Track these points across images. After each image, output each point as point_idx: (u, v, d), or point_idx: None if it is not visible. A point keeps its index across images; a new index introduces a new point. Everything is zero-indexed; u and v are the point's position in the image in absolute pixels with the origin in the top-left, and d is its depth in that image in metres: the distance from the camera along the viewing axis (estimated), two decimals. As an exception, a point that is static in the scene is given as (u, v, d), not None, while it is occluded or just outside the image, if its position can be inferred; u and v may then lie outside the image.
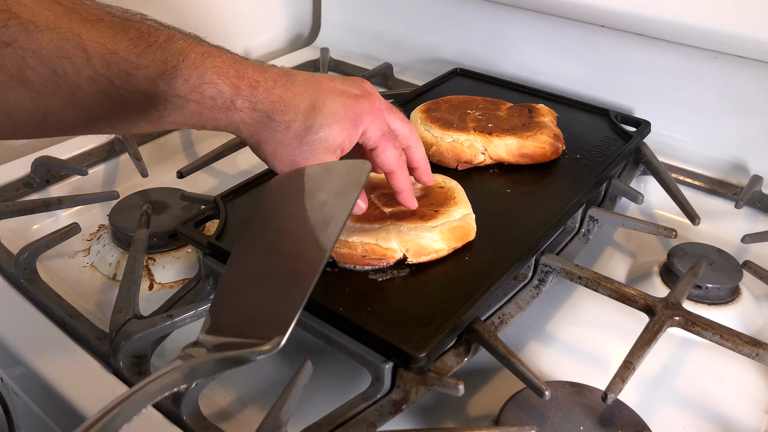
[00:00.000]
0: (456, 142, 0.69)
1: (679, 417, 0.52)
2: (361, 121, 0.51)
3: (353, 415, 0.46)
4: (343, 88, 0.52)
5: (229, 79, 0.47)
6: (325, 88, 0.51)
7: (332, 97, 0.51)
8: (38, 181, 0.75)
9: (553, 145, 0.69)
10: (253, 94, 0.48)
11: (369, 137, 0.52)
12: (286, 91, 0.49)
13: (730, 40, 0.73)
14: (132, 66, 0.42)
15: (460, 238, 0.56)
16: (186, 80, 0.45)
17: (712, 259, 0.63)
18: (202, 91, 0.46)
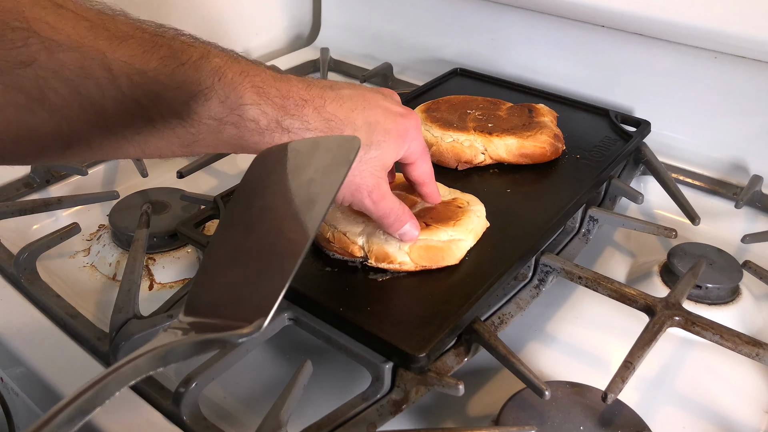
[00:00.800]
0: (456, 141, 0.69)
1: (679, 417, 0.52)
2: (409, 138, 0.51)
3: (353, 415, 0.46)
4: (387, 105, 0.51)
5: (271, 99, 0.44)
6: (373, 104, 0.50)
7: (383, 114, 0.50)
8: (38, 181, 0.75)
9: (553, 145, 0.69)
10: (303, 113, 0.46)
11: (412, 153, 0.53)
12: (339, 107, 0.48)
13: (730, 40, 0.73)
14: (162, 87, 0.40)
15: (434, 259, 0.54)
16: (223, 102, 0.42)
17: (712, 259, 0.63)
18: (242, 113, 0.43)
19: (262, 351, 0.56)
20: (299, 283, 0.52)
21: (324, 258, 0.55)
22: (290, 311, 0.52)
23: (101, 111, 0.39)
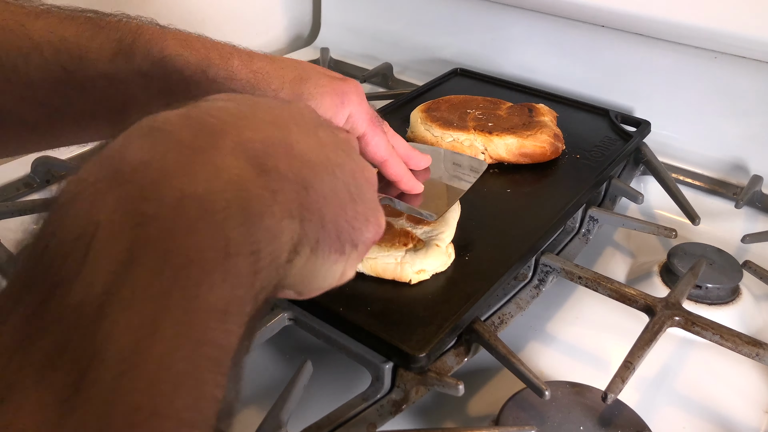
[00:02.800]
0: (456, 141, 0.69)
1: (679, 417, 0.52)
2: (349, 101, 0.47)
3: (353, 415, 0.46)
4: (324, 70, 0.49)
5: (195, 49, 0.43)
6: (307, 66, 0.48)
7: (318, 73, 0.48)
8: (38, 181, 0.75)
9: (553, 144, 0.69)
10: (228, 63, 0.44)
11: (356, 121, 0.47)
12: (268, 63, 0.46)
13: (730, 40, 0.73)
14: (84, 49, 0.39)
15: (383, 274, 0.53)
16: (145, 56, 0.41)
17: (712, 259, 0.63)
18: (165, 64, 0.41)
19: (262, 351, 0.56)
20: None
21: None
22: (290, 311, 0.52)
23: (28, 81, 0.38)
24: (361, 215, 0.34)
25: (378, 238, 0.36)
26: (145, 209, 0.23)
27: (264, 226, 0.26)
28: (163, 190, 0.24)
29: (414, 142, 0.61)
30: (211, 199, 0.24)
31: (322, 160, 0.31)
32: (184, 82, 0.42)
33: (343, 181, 0.32)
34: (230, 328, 0.23)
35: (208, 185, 0.24)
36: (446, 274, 0.54)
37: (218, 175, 0.25)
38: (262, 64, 0.46)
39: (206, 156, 0.26)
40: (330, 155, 0.32)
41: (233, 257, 0.24)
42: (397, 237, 0.54)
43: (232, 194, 0.25)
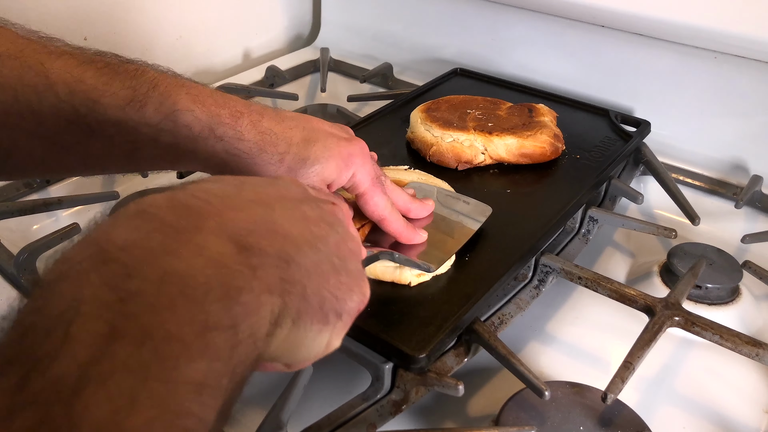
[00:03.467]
0: (456, 141, 0.69)
1: (679, 417, 0.52)
2: (352, 163, 0.48)
3: (353, 415, 0.46)
4: (332, 130, 0.50)
5: (206, 106, 0.44)
6: (315, 126, 0.49)
7: (324, 134, 0.48)
8: (38, 181, 0.75)
9: (553, 144, 0.69)
10: (237, 123, 0.45)
11: (358, 181, 0.49)
12: (277, 124, 0.47)
13: (730, 40, 0.73)
14: (98, 93, 0.40)
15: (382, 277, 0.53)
16: (157, 109, 0.42)
17: (712, 259, 0.63)
18: (176, 118, 0.43)
19: (262, 351, 0.56)
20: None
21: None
22: (290, 311, 0.52)
23: (40, 119, 0.39)
24: (344, 285, 0.34)
25: (362, 306, 0.36)
26: (128, 286, 0.24)
27: (242, 301, 0.26)
28: (146, 268, 0.24)
29: (417, 183, 0.62)
30: (192, 275, 0.25)
31: (305, 234, 0.32)
32: (192, 139, 0.44)
33: (326, 254, 0.33)
34: (207, 400, 0.24)
35: (189, 263, 0.26)
36: (447, 274, 0.54)
37: (200, 253, 0.26)
38: (270, 125, 0.46)
39: (189, 236, 0.27)
40: (313, 229, 0.33)
41: (211, 331, 0.24)
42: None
43: (213, 271, 0.26)
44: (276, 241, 0.30)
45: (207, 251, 0.26)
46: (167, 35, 0.96)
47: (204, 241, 0.27)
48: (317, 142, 0.48)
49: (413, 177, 0.63)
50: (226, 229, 0.28)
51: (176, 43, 0.98)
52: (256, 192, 0.32)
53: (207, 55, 1.04)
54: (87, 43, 0.88)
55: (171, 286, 0.24)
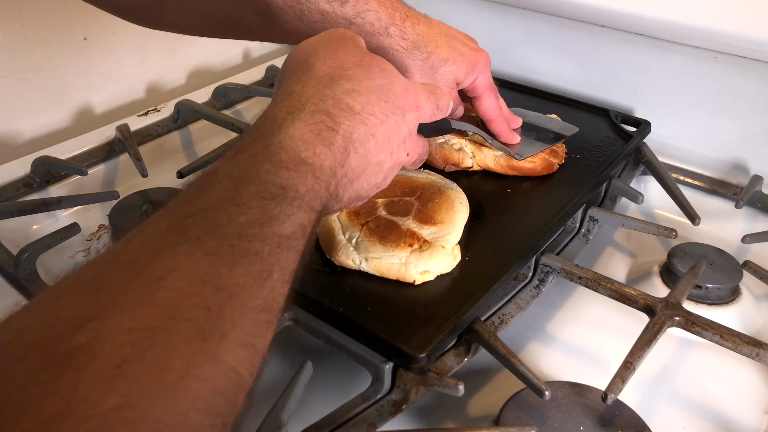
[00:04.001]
0: (446, 143, 0.69)
1: (679, 417, 0.52)
2: (477, 69, 0.61)
3: (353, 415, 0.46)
4: (464, 40, 0.62)
5: (386, 8, 0.56)
6: (454, 34, 0.61)
7: (460, 43, 0.61)
8: (38, 181, 0.75)
9: (546, 161, 0.68)
10: (404, 24, 0.57)
11: (478, 85, 0.62)
12: (428, 28, 0.59)
13: (730, 40, 0.73)
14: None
15: (388, 274, 0.53)
16: (354, 6, 0.54)
17: (712, 259, 0.63)
18: (365, 16, 0.55)
19: (262, 351, 0.56)
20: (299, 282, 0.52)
21: (324, 258, 0.55)
22: (290, 311, 0.52)
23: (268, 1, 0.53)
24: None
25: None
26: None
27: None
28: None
29: (515, 108, 0.70)
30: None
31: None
32: (370, 33, 0.56)
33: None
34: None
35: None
36: (450, 274, 0.54)
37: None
38: (424, 28, 0.58)
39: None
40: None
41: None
42: (402, 237, 0.54)
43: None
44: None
45: None
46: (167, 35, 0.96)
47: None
48: (455, 49, 0.60)
49: (423, 177, 0.63)
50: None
51: (176, 43, 0.98)
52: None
53: (207, 55, 1.04)
54: (87, 43, 0.88)
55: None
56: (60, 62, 0.85)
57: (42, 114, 0.86)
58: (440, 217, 0.57)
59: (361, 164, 0.41)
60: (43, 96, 0.85)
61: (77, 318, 0.25)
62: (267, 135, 0.37)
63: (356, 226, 0.55)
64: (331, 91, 0.41)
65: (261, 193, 0.33)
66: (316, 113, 0.39)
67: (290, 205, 0.34)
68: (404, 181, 0.61)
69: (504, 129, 0.64)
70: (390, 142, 0.44)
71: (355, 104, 0.41)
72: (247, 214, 0.32)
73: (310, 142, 0.37)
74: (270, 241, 0.32)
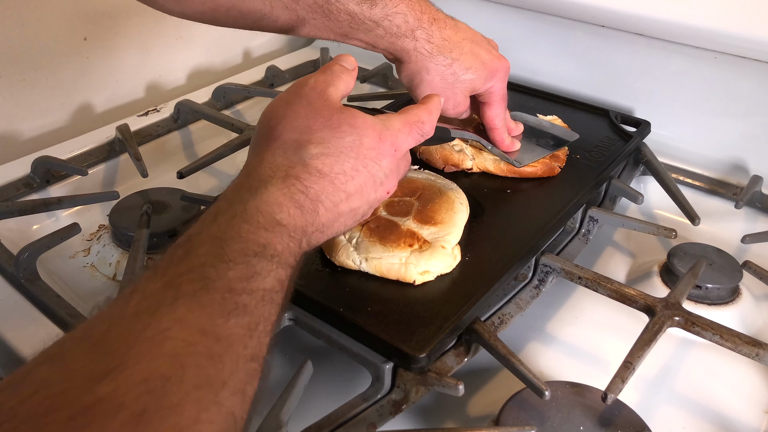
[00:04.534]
0: (447, 145, 0.69)
1: (679, 417, 0.52)
2: (495, 77, 0.61)
3: (353, 415, 0.46)
4: (489, 47, 0.62)
5: (414, 11, 0.56)
6: (479, 40, 0.61)
7: (484, 51, 0.61)
8: (38, 181, 0.75)
9: (546, 164, 0.67)
10: (431, 28, 0.57)
11: (492, 93, 0.62)
12: (455, 33, 0.59)
13: (730, 40, 0.73)
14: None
15: (388, 275, 0.53)
16: (383, 8, 0.55)
17: (712, 259, 0.63)
18: (392, 18, 0.55)
19: (262, 351, 0.56)
20: (299, 283, 0.52)
21: (324, 258, 0.55)
22: (290, 311, 0.52)
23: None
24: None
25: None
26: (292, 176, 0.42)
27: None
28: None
29: (517, 113, 0.71)
30: None
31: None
32: (396, 35, 0.56)
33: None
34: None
35: None
36: (450, 274, 0.54)
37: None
38: (450, 33, 0.59)
39: None
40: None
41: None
42: (402, 237, 0.54)
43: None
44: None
45: None
46: (167, 35, 0.96)
47: None
48: (478, 56, 0.60)
49: (423, 177, 0.63)
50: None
51: (176, 43, 0.98)
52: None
53: (207, 55, 1.04)
54: (87, 43, 0.88)
55: None
56: (60, 62, 0.85)
57: (42, 114, 0.86)
58: (440, 217, 0.57)
59: (330, 218, 0.43)
60: (43, 96, 0.85)
61: (97, 371, 0.27)
62: (244, 201, 0.39)
63: (356, 227, 0.55)
64: (299, 157, 0.43)
65: (244, 250, 0.36)
66: (287, 179, 0.41)
67: (270, 261, 0.37)
68: (404, 181, 0.61)
69: (504, 138, 0.65)
70: (363, 192, 0.45)
71: (323, 167, 0.43)
72: (234, 269, 0.35)
73: (284, 205, 0.40)
74: (255, 295, 0.35)
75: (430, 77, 0.59)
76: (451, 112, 0.62)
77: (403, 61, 0.59)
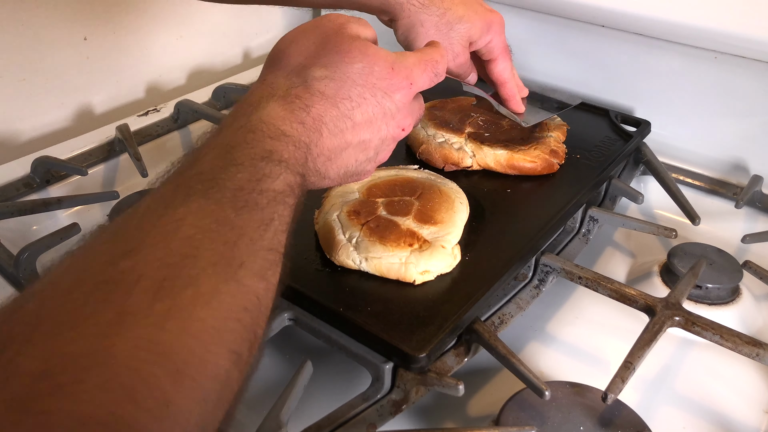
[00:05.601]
0: (446, 142, 0.69)
1: (679, 417, 0.52)
2: (492, 29, 0.61)
3: (353, 415, 0.46)
4: (482, 1, 0.63)
5: None
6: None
7: (479, 3, 0.61)
8: (38, 181, 0.75)
9: (546, 160, 0.68)
10: None
11: (493, 47, 0.62)
12: None
13: (730, 40, 0.73)
14: None
15: (388, 274, 0.53)
16: None
17: (712, 259, 0.63)
18: None
19: (262, 351, 0.56)
20: (299, 283, 0.52)
21: (324, 258, 0.55)
22: (290, 311, 0.52)
23: None
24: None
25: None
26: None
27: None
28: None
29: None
30: None
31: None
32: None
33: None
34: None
35: None
36: (450, 274, 0.54)
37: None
38: None
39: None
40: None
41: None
42: (402, 237, 0.54)
43: None
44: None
45: None
46: (167, 35, 0.96)
47: None
48: (470, 6, 0.60)
49: (423, 176, 0.63)
50: None
51: (176, 43, 0.98)
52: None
53: (207, 55, 1.04)
54: (87, 43, 0.88)
55: None
56: (60, 62, 0.85)
57: (42, 114, 0.86)
58: (440, 216, 0.57)
59: (336, 144, 0.43)
60: (43, 96, 0.85)
61: (116, 251, 0.29)
62: (247, 114, 0.40)
63: (356, 226, 0.55)
64: (301, 78, 0.42)
65: (251, 155, 0.36)
66: (287, 96, 0.41)
67: (278, 165, 0.37)
68: (404, 180, 0.61)
69: (514, 94, 0.66)
70: (373, 123, 0.44)
71: (326, 89, 0.42)
72: (242, 172, 0.35)
73: (287, 119, 0.40)
74: (266, 195, 0.35)
75: (425, 29, 0.59)
76: (451, 63, 0.62)
77: (398, 17, 0.59)
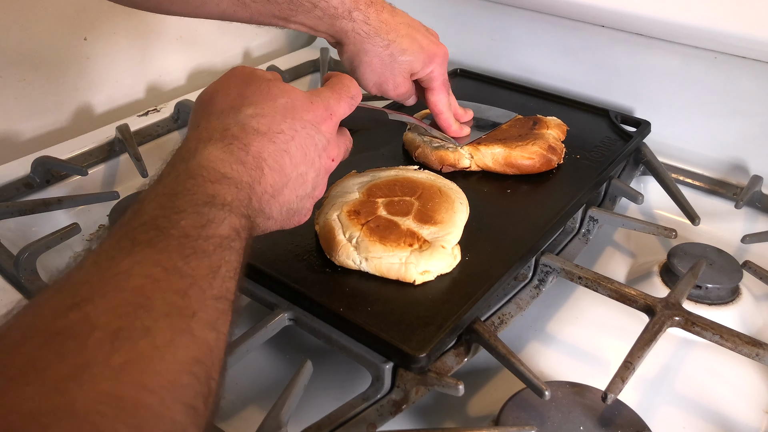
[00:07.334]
0: (442, 146, 0.69)
1: (679, 417, 0.52)
2: (434, 62, 0.64)
3: (353, 415, 0.46)
4: (425, 33, 0.65)
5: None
6: (416, 25, 0.64)
7: (422, 36, 0.63)
8: (38, 181, 0.75)
9: (543, 156, 0.68)
10: (368, 10, 0.59)
11: (433, 78, 0.65)
12: (392, 17, 0.61)
13: (730, 40, 0.73)
14: None
15: (388, 274, 0.53)
16: None
17: (712, 259, 0.63)
18: (329, 1, 0.57)
19: (262, 351, 0.56)
20: (299, 283, 0.52)
21: (324, 258, 0.55)
22: (290, 311, 0.52)
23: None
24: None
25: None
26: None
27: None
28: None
29: (461, 101, 0.73)
30: None
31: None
32: (333, 15, 0.58)
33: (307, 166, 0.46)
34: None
35: None
36: (450, 274, 0.54)
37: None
38: (387, 17, 0.61)
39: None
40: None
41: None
42: (402, 237, 0.54)
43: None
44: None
45: None
46: (167, 35, 0.96)
47: None
48: (415, 40, 0.62)
49: (423, 176, 0.63)
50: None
51: (176, 43, 0.98)
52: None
53: (207, 55, 1.04)
54: (87, 43, 0.88)
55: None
56: (60, 62, 0.85)
57: (42, 114, 0.86)
58: (440, 217, 0.57)
59: (279, 179, 0.43)
60: (43, 96, 0.85)
61: (63, 304, 0.28)
62: (185, 161, 0.39)
63: (356, 226, 0.55)
64: (234, 119, 0.43)
65: (194, 201, 0.36)
66: (224, 138, 0.41)
67: (221, 210, 0.37)
68: (404, 181, 0.61)
69: (450, 123, 0.68)
70: (307, 154, 0.45)
71: (260, 126, 0.43)
72: (186, 219, 0.35)
73: (226, 161, 0.40)
74: (212, 241, 0.35)
75: (369, 58, 0.61)
76: (392, 93, 0.64)
77: (343, 43, 0.61)
